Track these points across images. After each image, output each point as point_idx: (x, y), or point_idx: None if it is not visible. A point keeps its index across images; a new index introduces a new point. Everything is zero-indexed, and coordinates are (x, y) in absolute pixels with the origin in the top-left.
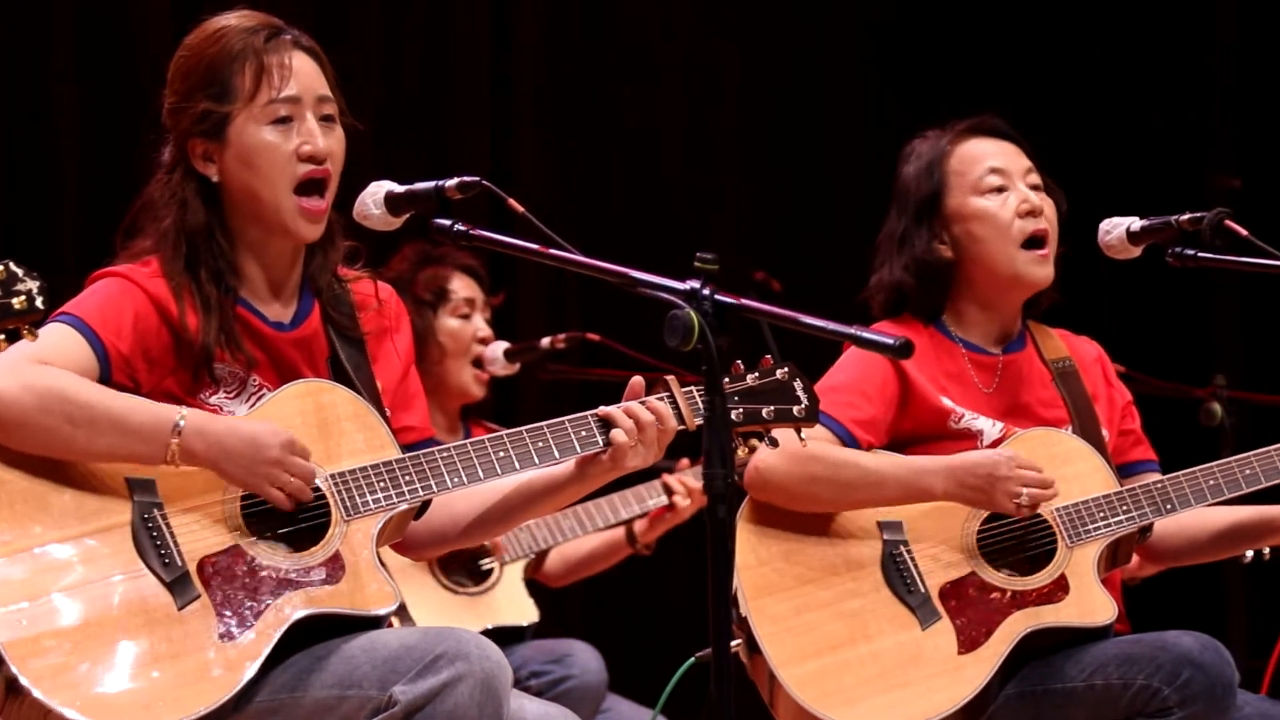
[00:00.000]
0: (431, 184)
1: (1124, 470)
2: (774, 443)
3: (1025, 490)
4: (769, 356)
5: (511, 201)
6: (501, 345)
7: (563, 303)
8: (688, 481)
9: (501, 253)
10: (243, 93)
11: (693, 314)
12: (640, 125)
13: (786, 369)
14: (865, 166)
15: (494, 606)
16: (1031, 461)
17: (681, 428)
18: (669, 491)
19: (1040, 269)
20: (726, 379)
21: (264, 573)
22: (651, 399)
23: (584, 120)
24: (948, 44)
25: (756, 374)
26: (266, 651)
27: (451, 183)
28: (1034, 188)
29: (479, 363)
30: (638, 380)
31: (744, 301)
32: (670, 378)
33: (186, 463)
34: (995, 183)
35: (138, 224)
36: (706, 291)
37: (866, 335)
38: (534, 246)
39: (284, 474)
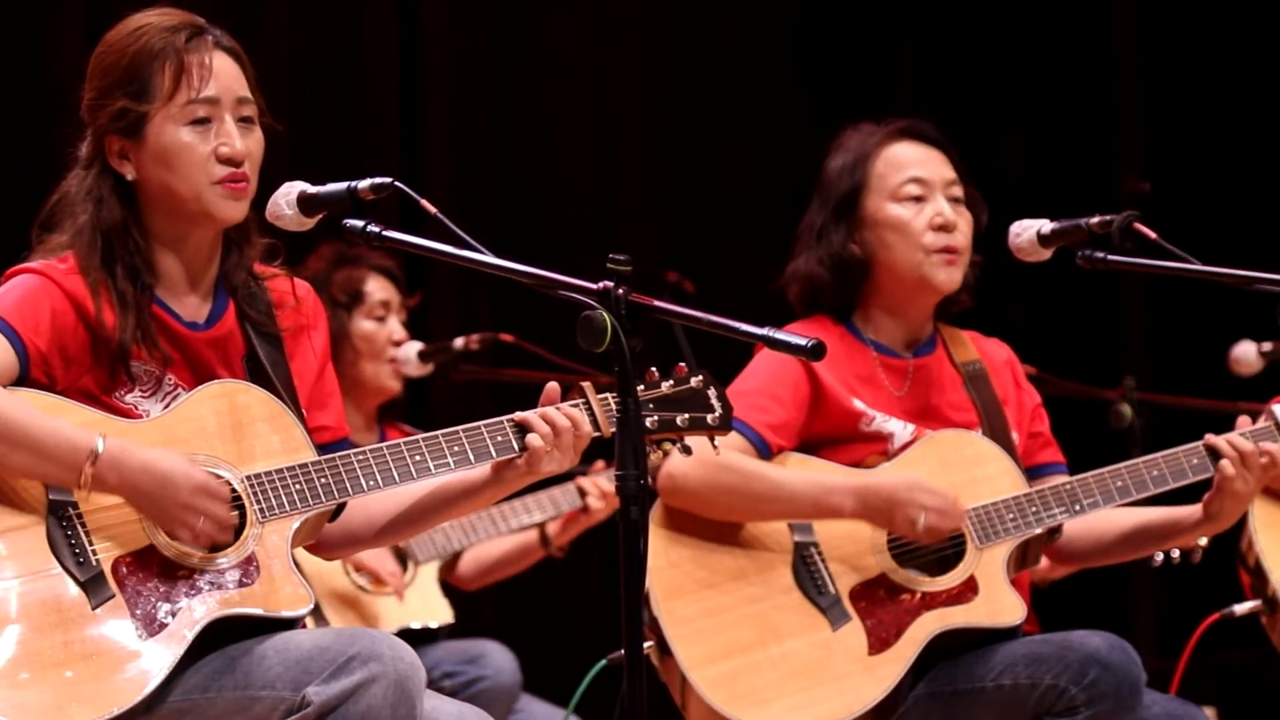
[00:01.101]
0: (344, 185)
1: (1032, 472)
2: (687, 450)
3: (923, 515)
4: (684, 364)
5: (424, 203)
6: (415, 346)
7: (475, 304)
8: (602, 484)
9: (414, 254)
10: (161, 92)
11: (605, 315)
12: (550, 126)
13: (701, 377)
14: (775, 167)
15: (407, 608)
16: (937, 487)
17: (597, 434)
18: (583, 494)
19: (947, 273)
20: (642, 386)
21: (178, 574)
22: (567, 404)
23: (494, 121)
24: (854, 45)
25: (671, 381)
26: (180, 652)
27: (364, 184)
28: (953, 200)
29: (393, 364)
30: (553, 386)
31: (656, 303)
32: (586, 383)
33: (99, 490)
34: (914, 192)
35: (54, 219)
36: (619, 293)
37: (778, 337)
38: (447, 248)
39: (194, 517)
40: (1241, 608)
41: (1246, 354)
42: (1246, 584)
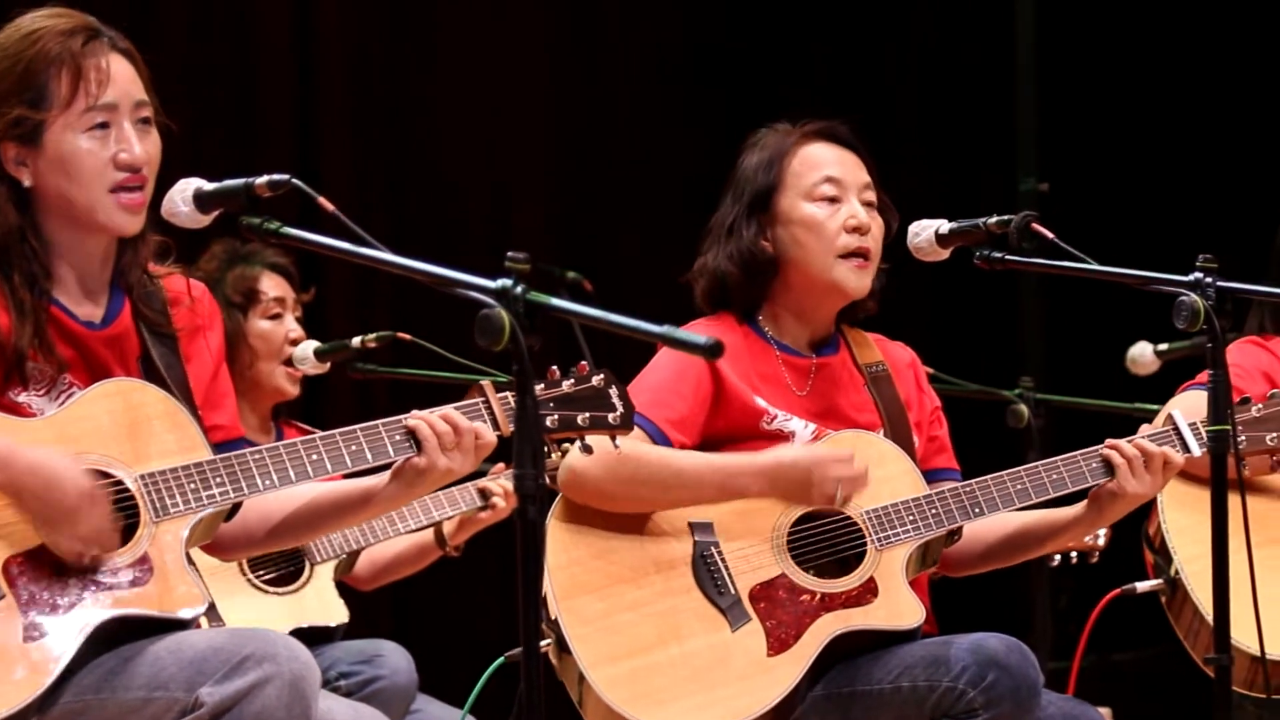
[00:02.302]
0: (241, 182)
1: (926, 477)
2: (588, 449)
3: (840, 490)
4: (584, 363)
5: (321, 200)
6: (312, 344)
7: (373, 302)
8: (505, 485)
9: (311, 251)
10: (59, 99)
11: (504, 313)
12: (448, 125)
13: (602, 376)
14: (677, 167)
15: (303, 607)
16: (844, 455)
17: (498, 433)
18: (484, 495)
19: (857, 278)
20: (542, 385)
21: (70, 573)
22: (467, 405)
23: (391, 120)
24: (754, 46)
25: (572, 380)
26: (72, 653)
27: (261, 180)
28: (867, 204)
29: (289, 362)
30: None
31: (555, 301)
32: (486, 382)
33: None
34: (829, 192)
35: None
36: (518, 291)
37: (678, 336)
38: (344, 245)
39: (77, 522)
40: (1143, 586)
41: (1143, 354)
42: (1150, 564)
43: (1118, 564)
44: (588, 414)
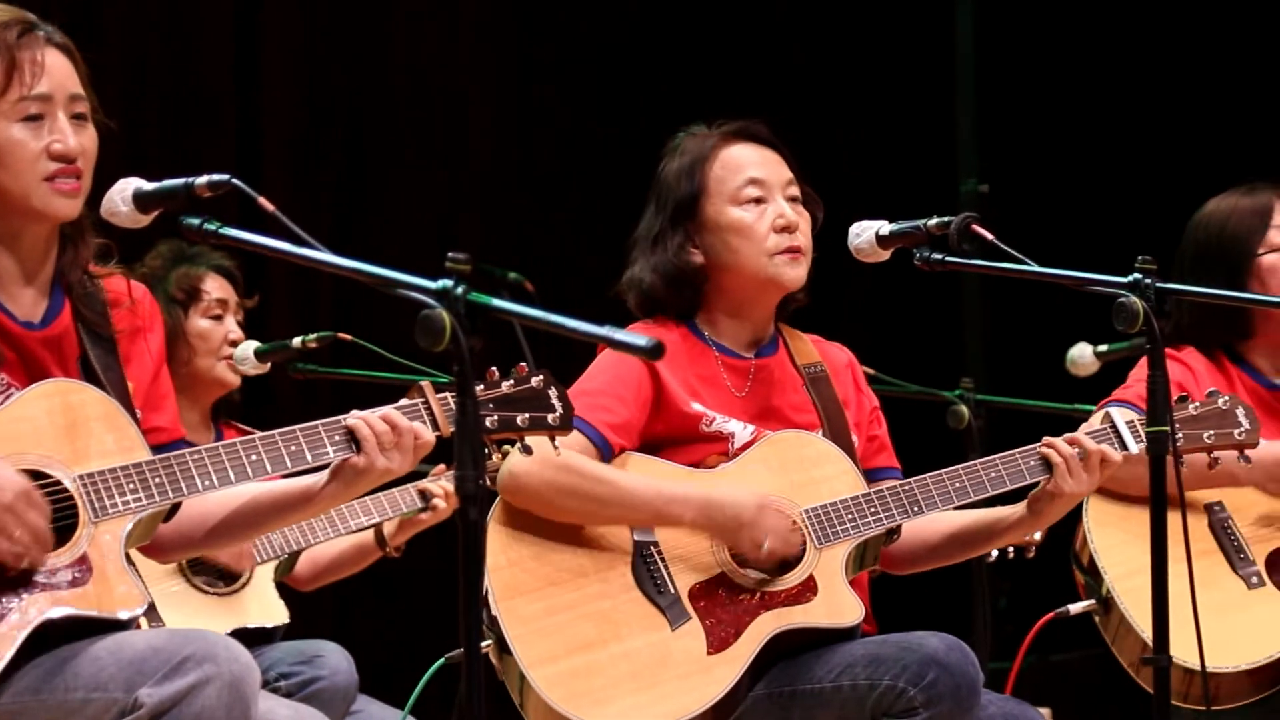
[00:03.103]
0: (181, 181)
1: (867, 476)
2: (527, 450)
3: (768, 540)
4: (524, 364)
5: (262, 200)
6: (252, 345)
7: (314, 302)
8: (445, 486)
9: (252, 252)
10: None
11: (444, 314)
12: (391, 124)
13: (542, 376)
14: (615, 168)
15: (243, 607)
16: (782, 507)
17: (438, 433)
18: (425, 496)
19: (792, 270)
20: (482, 386)
21: (8, 574)
22: (408, 405)
23: (333, 120)
24: (696, 47)
25: (512, 381)
26: (10, 654)
27: (201, 180)
28: (792, 200)
29: (229, 362)
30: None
31: (496, 302)
32: (426, 383)
33: None
34: (754, 194)
35: None
36: (458, 291)
37: (619, 337)
38: (285, 246)
39: (12, 524)
40: (1076, 607)
41: (1083, 355)
42: (1080, 584)
43: (1060, 567)
44: (527, 415)
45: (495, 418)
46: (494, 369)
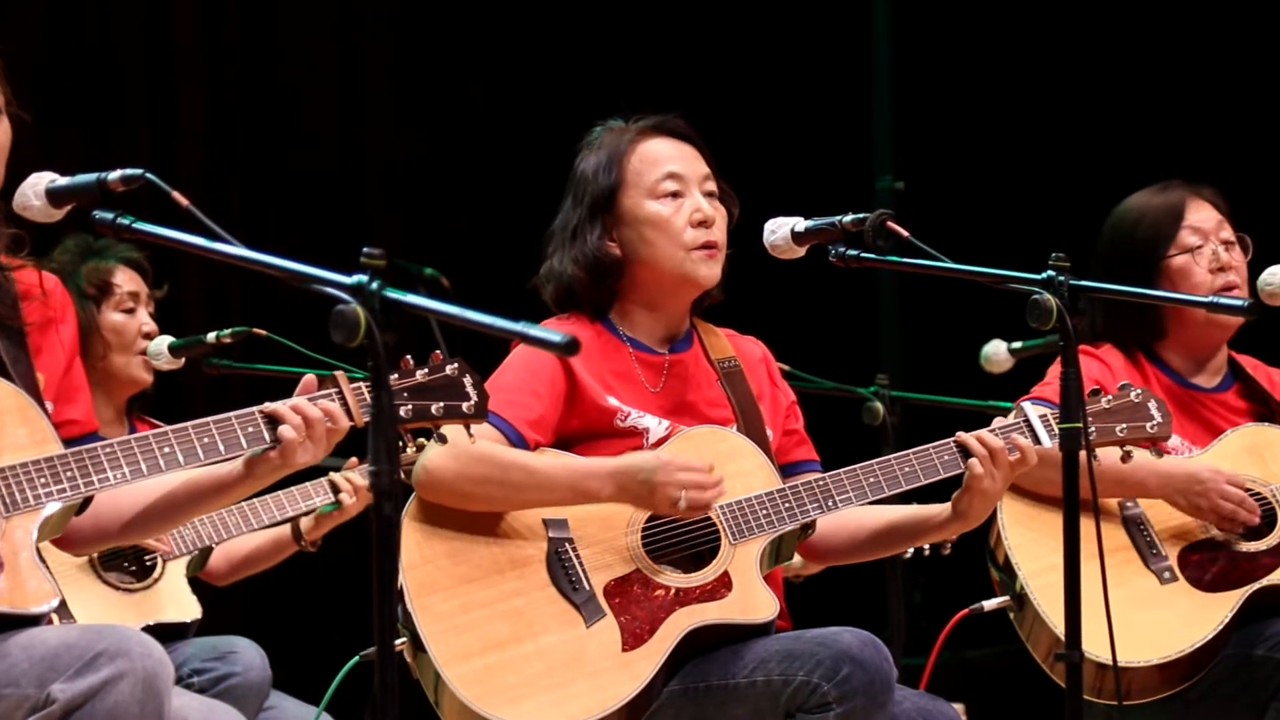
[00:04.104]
0: (94, 176)
1: (787, 469)
2: (442, 439)
3: (684, 493)
4: (438, 352)
5: (176, 195)
6: (166, 339)
7: (227, 297)
8: (355, 480)
9: (165, 246)
10: None
11: (359, 309)
12: (304, 119)
13: (456, 365)
14: (532, 163)
15: (156, 603)
16: (692, 463)
17: (351, 424)
18: (336, 490)
19: (708, 268)
20: (395, 375)
21: None
22: (320, 396)
23: (247, 115)
24: (613, 42)
25: (426, 369)
26: None
27: (114, 175)
28: (709, 195)
29: (143, 354)
30: (310, 378)
31: (410, 297)
32: (339, 374)
33: None
34: (671, 188)
35: None
36: (373, 286)
37: (533, 333)
38: (198, 240)
39: None
40: (990, 604)
41: (997, 352)
42: (995, 581)
43: (976, 564)
44: (442, 403)
45: (410, 406)
46: (409, 357)
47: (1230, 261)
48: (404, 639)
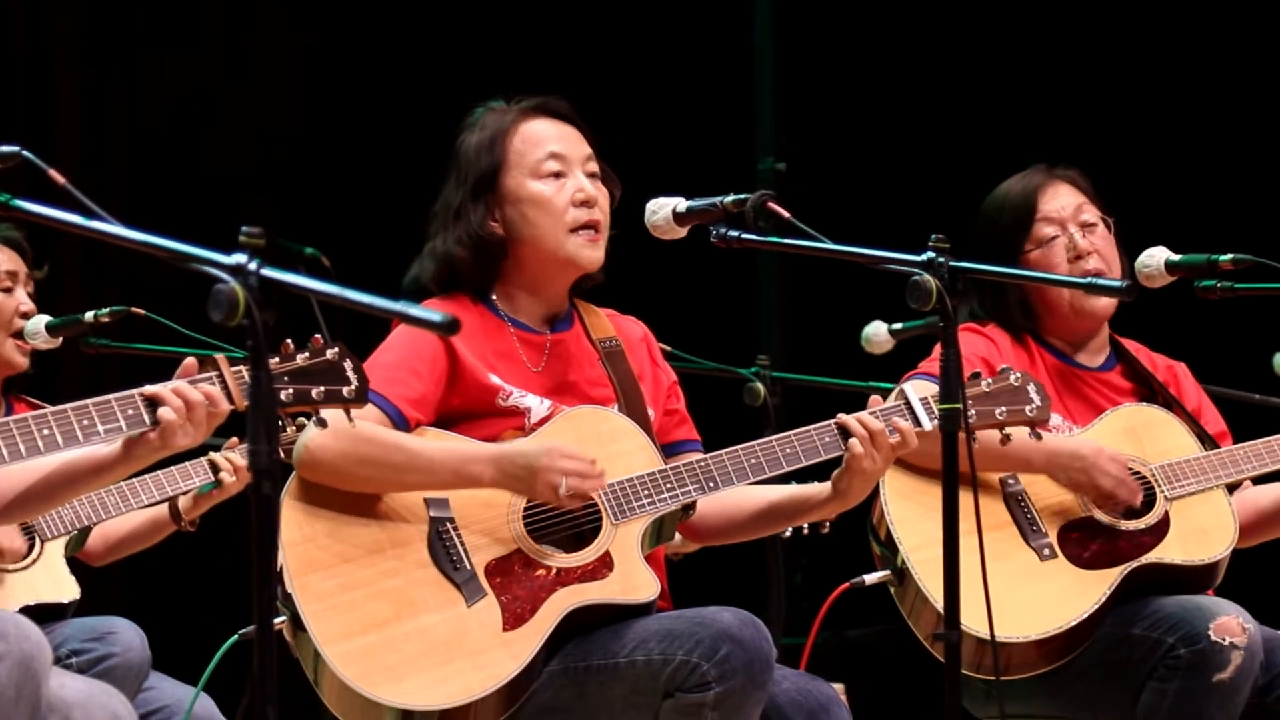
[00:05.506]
0: None
1: (669, 449)
2: (322, 423)
3: (565, 480)
4: (319, 336)
5: (53, 172)
6: (44, 319)
7: (105, 276)
8: (235, 459)
9: (42, 224)
10: None
11: (238, 288)
12: (184, 95)
13: (337, 349)
14: (413, 143)
15: (33, 584)
16: (575, 451)
17: (233, 407)
18: (215, 469)
19: (591, 252)
20: (276, 358)
21: None
22: (202, 379)
23: (125, 90)
24: (494, 22)
25: (307, 353)
26: None
27: None
28: (591, 176)
29: (19, 335)
30: (190, 361)
31: (291, 277)
32: (220, 356)
33: None
34: (554, 168)
35: None
36: (252, 266)
37: (413, 312)
38: (76, 218)
39: None
40: (871, 578)
41: (878, 334)
42: (877, 556)
43: (857, 543)
44: (322, 388)
45: (290, 391)
46: (289, 342)
47: (1089, 246)
48: (283, 618)
